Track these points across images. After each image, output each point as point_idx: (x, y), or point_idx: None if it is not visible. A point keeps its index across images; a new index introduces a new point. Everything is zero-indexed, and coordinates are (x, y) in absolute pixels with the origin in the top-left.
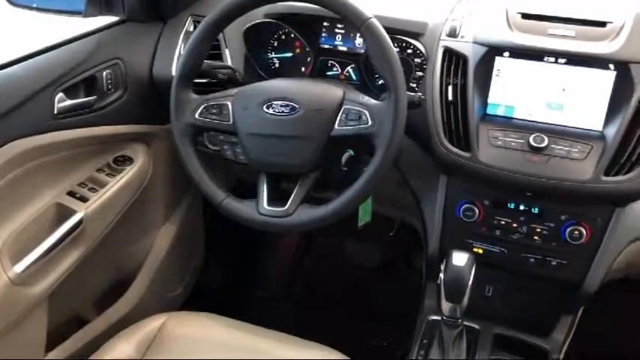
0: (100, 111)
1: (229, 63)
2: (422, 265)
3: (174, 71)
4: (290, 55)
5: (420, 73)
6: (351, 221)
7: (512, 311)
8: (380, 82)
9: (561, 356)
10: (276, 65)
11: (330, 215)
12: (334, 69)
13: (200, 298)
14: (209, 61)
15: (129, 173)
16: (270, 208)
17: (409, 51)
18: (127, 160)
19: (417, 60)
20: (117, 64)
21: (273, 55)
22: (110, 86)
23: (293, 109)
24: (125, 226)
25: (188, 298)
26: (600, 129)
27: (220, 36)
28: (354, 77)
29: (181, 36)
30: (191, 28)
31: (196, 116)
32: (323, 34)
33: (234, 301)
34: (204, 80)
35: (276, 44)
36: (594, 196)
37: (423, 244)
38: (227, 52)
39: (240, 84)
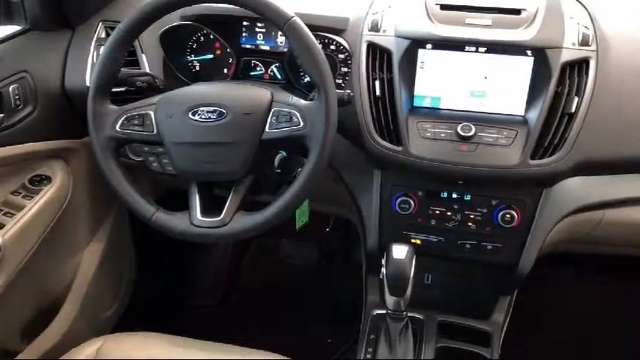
0: (9, 129)
1: (147, 69)
2: (361, 259)
3: (88, 82)
4: (210, 57)
5: (345, 69)
6: (288, 222)
7: (453, 297)
8: (306, 80)
9: (502, 336)
10: (197, 68)
11: (268, 221)
12: (258, 69)
13: (136, 315)
14: (126, 69)
15: (47, 193)
16: (204, 218)
17: (332, 47)
18: (44, 180)
19: (341, 56)
20: (24, 77)
21: (193, 58)
22: (19, 102)
23: (220, 114)
24: (48, 249)
25: (123, 316)
26: (522, 114)
27: (135, 41)
28: (278, 76)
29: (93, 44)
30: (103, 35)
31: (117, 128)
32: (244, 34)
33: (172, 313)
34: (122, 89)
35: (195, 47)
36: (522, 179)
37: (360, 239)
38: (144, 57)
39: (161, 91)
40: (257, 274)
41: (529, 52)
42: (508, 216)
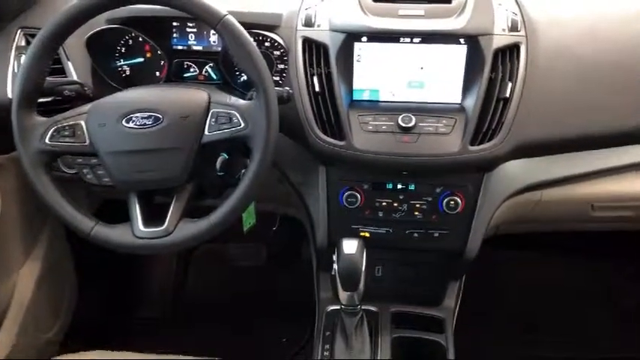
0: None
1: (75, 77)
2: (310, 257)
3: (10, 93)
4: (141, 60)
5: (282, 66)
6: (234, 225)
7: (404, 287)
8: (243, 79)
9: (454, 321)
10: (127, 73)
11: (214, 227)
12: (191, 70)
13: (81, 333)
14: (51, 78)
15: None
16: (147, 229)
17: (267, 44)
18: None
19: (277, 52)
20: None
21: (122, 63)
22: None
23: (156, 119)
24: None
25: (67, 336)
26: (459, 102)
27: (60, 48)
28: (214, 76)
29: (12, 53)
30: (22, 43)
31: (47, 141)
32: (174, 35)
33: (118, 328)
34: (49, 99)
35: (124, 51)
36: (464, 166)
37: (309, 236)
38: (70, 65)
39: (91, 99)
40: (204, 280)
41: (462, 41)
42: (452, 202)
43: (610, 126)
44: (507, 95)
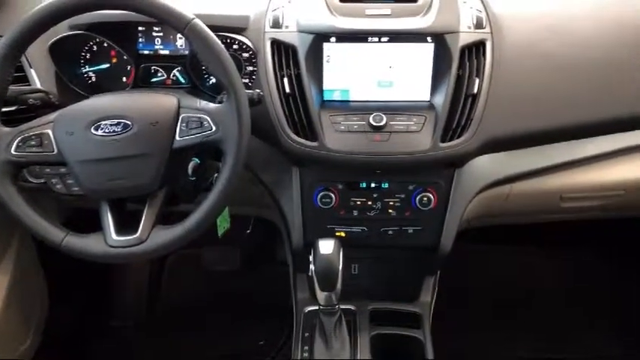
0: None
1: (39, 85)
2: (285, 258)
3: None
4: (106, 66)
5: (251, 68)
6: (208, 230)
7: (380, 284)
8: (211, 82)
9: (431, 316)
10: (93, 79)
11: (189, 233)
12: (159, 75)
13: (55, 345)
14: (14, 87)
15: None
16: (120, 237)
17: (235, 47)
18: None
19: (245, 55)
20: None
21: (88, 69)
22: None
23: (125, 126)
24: None
25: (40, 349)
26: (429, 99)
27: (22, 56)
28: (182, 80)
29: None
30: None
31: (12, 152)
32: (140, 40)
33: (93, 338)
34: (13, 109)
35: (88, 57)
36: (435, 162)
37: (284, 238)
38: (33, 73)
39: (57, 107)
40: (179, 286)
41: (429, 39)
42: (425, 199)
43: (575, 119)
44: (475, 91)
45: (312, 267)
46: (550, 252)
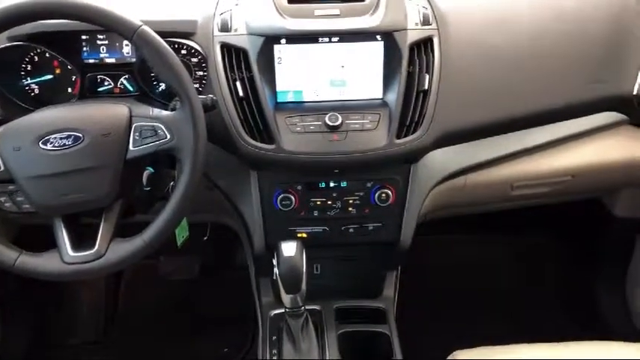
0: None
1: None
2: (245, 263)
3: None
4: (50, 77)
5: (201, 73)
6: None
7: (344, 282)
8: (161, 89)
9: (395, 310)
10: (36, 91)
11: (148, 244)
12: (106, 83)
13: None
14: None
15: None
16: (76, 253)
17: (184, 52)
18: None
19: (194, 60)
20: None
21: (30, 81)
22: None
23: (76, 139)
24: None
25: None
26: (382, 97)
27: None
28: (130, 88)
29: None
30: None
31: None
32: (84, 49)
33: (51, 357)
34: None
35: (29, 68)
36: (391, 159)
37: (245, 243)
38: None
39: (0, 122)
40: (137, 298)
41: (378, 37)
42: (384, 195)
43: (524, 109)
44: (426, 87)
45: (275, 270)
46: (506, 238)
